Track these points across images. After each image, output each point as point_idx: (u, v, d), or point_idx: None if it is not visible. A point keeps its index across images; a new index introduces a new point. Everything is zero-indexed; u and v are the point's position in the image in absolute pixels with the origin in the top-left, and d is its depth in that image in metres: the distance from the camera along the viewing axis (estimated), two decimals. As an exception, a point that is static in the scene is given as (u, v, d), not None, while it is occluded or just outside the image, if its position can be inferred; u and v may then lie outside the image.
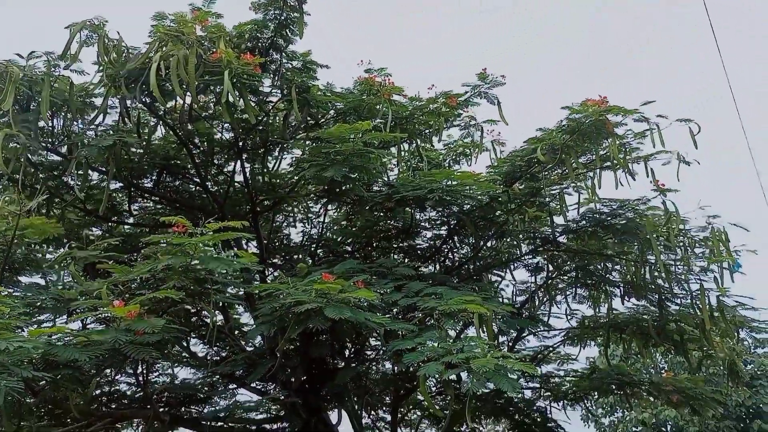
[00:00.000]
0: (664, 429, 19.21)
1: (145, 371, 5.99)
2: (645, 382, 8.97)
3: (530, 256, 8.73)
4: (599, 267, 8.36)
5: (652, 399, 10.25)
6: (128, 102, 6.97)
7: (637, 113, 6.92)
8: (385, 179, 8.23)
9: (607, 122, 6.49)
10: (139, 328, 4.24)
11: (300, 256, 9.63)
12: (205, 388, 8.24)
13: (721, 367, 9.43)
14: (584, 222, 7.74)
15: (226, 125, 7.98)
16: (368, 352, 9.30)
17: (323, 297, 5.26)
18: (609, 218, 7.48)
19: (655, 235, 7.17)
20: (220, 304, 8.50)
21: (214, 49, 6.31)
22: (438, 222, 8.55)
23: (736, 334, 8.09)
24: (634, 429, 19.42)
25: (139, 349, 4.21)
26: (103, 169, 7.31)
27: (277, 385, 8.44)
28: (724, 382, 10.35)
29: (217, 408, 8.30)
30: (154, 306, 4.89)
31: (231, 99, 6.17)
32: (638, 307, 8.58)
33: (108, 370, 7.10)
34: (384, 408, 10.74)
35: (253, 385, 8.76)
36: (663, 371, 11.09)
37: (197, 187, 8.61)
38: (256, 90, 7.07)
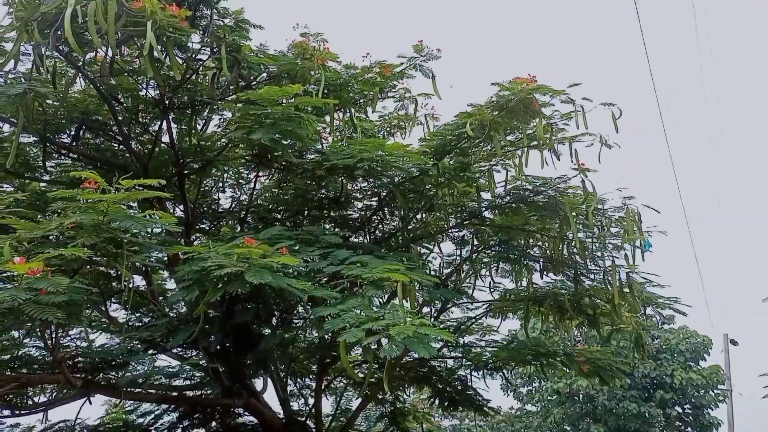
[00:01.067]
0: (576, 397, 20.40)
1: (54, 334, 5.73)
2: (560, 354, 9.44)
3: (457, 230, 8.93)
4: (521, 242, 8.65)
5: (566, 369, 10.82)
6: (43, 49, 6.52)
7: (564, 94, 7.11)
8: (319, 147, 8.15)
9: (534, 101, 6.65)
10: (42, 286, 4.03)
11: (228, 222, 9.45)
12: (123, 354, 8.00)
13: (629, 341, 10.05)
14: (509, 198, 7.96)
15: (152, 82, 7.63)
16: (296, 320, 9.30)
17: (245, 261, 5.19)
18: (532, 195, 7.73)
19: (573, 213, 7.47)
20: (143, 268, 8.26)
21: (138, -1, 5.98)
22: (369, 192, 8.58)
23: (643, 309, 8.61)
24: (549, 398, 20.52)
25: (41, 309, 4.01)
26: (14, 120, 6.85)
27: (199, 351, 8.32)
28: (632, 354, 11.05)
29: (134, 374, 8.10)
30: (63, 266, 4.67)
31: (155, 53, 5.88)
32: (556, 282, 8.97)
33: (15, 333, 6.79)
34: (310, 376, 10.83)
35: (174, 351, 8.60)
36: (578, 343, 11.73)
37: (120, 146, 8.23)
38: (184, 46, 6.78)
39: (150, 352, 8.40)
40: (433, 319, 9.63)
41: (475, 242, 8.93)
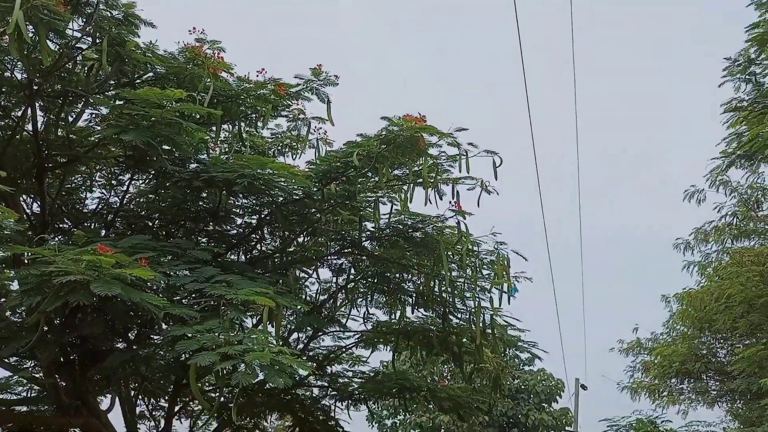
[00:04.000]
0: (438, 432, 20.95)
1: None
2: (423, 389, 9.59)
3: (336, 258, 8.88)
4: (397, 276, 8.77)
5: (428, 405, 11.02)
6: None
7: (450, 137, 7.37)
8: (203, 158, 7.82)
9: (420, 140, 6.82)
10: None
11: (93, 225, 8.75)
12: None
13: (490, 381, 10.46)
14: (388, 231, 8.07)
15: (20, 64, 6.96)
16: (155, 337, 8.72)
17: (95, 270, 4.79)
18: (410, 230, 7.88)
19: (448, 252, 7.70)
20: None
21: (12, -27, 5.46)
22: (249, 210, 8.32)
23: (503, 350, 9.00)
24: (412, 431, 20.87)
25: None
26: None
27: (38, 363, 7.54)
28: (490, 393, 11.51)
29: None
30: None
31: (23, 33, 5.36)
32: (426, 318, 9.15)
33: None
34: (164, 397, 10.15)
35: (8, 361, 7.74)
36: (442, 380, 12.03)
37: (-28, 127, 7.41)
38: (61, 31, 6.27)
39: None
40: (302, 346, 9.45)
41: (353, 272, 8.93)
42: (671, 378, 15.24)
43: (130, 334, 8.17)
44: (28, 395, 8.90)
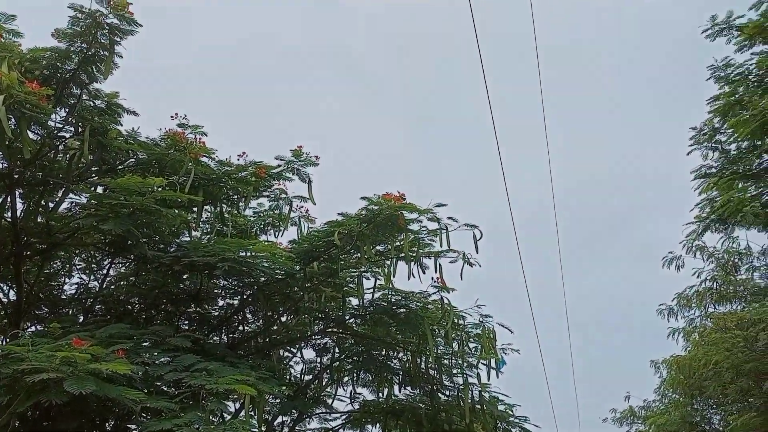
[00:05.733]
0: None
1: None
2: (412, 470, 9.20)
3: (319, 336, 8.74)
4: (382, 353, 8.62)
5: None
6: None
7: (430, 213, 7.47)
8: (185, 239, 7.80)
9: (401, 217, 6.90)
10: None
11: (72, 310, 8.57)
12: None
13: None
14: (372, 308, 8.00)
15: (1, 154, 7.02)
16: (132, 426, 8.37)
17: (70, 366, 4.65)
18: (394, 307, 7.82)
19: (434, 327, 7.62)
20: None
21: (-3, 70, 5.60)
22: (231, 291, 8.23)
23: (494, 426, 8.75)
24: None
25: None
26: None
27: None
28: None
29: None
30: None
31: (5, 128, 5.45)
32: (414, 396, 8.93)
33: None
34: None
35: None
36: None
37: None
38: (43, 123, 6.38)
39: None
40: (287, 430, 9.12)
41: (337, 351, 8.77)
42: (668, 448, 14.85)
43: (107, 425, 7.84)
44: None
